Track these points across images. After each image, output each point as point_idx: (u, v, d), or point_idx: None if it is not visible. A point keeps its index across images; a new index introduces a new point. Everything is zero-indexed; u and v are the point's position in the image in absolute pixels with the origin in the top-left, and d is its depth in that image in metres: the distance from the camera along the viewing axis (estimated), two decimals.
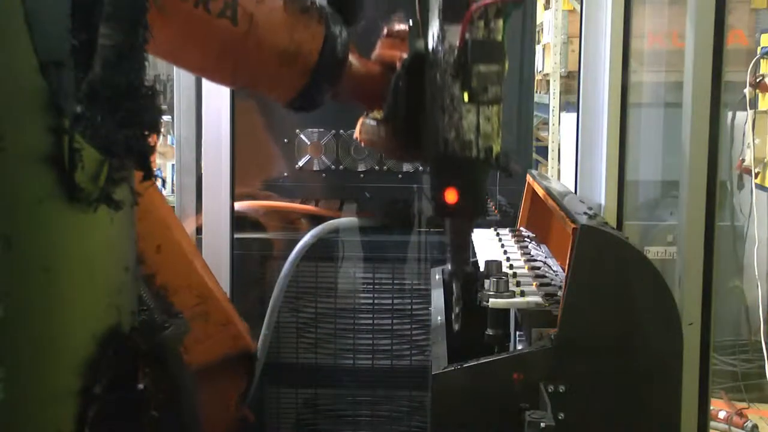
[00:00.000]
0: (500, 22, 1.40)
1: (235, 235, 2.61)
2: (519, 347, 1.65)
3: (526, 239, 2.04)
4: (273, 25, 1.54)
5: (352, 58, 1.65)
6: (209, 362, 1.77)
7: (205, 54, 1.57)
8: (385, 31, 1.69)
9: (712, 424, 3.56)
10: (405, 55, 1.57)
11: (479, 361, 1.40)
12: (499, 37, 1.40)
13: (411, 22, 1.58)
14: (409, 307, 2.72)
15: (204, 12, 1.49)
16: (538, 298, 1.53)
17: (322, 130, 2.75)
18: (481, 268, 1.71)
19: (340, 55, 1.58)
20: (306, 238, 2.64)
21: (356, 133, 1.69)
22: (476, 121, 1.40)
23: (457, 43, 1.39)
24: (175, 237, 1.77)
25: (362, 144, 1.69)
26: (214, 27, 1.50)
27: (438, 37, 1.42)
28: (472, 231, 1.56)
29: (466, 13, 1.38)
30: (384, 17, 1.71)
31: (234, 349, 1.86)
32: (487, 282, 1.59)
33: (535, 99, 4.68)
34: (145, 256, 1.58)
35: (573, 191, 2.10)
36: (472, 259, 2.04)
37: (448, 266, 1.55)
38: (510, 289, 1.58)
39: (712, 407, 1.88)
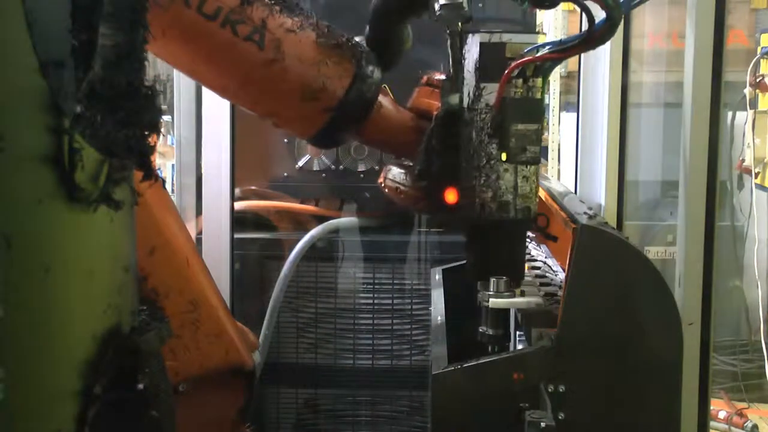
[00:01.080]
0: (539, 81, 1.37)
1: (235, 235, 2.61)
2: (519, 347, 1.65)
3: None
4: (301, 57, 1.52)
5: (385, 102, 1.62)
6: (198, 374, 1.70)
7: (228, 76, 1.55)
8: (425, 79, 1.66)
9: (712, 424, 3.56)
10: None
11: (479, 361, 1.40)
12: (538, 95, 1.37)
13: (445, 76, 1.53)
14: (409, 307, 2.72)
15: (231, 34, 1.47)
16: (538, 298, 1.53)
17: None
18: None
19: (367, 97, 1.55)
20: (306, 238, 2.64)
21: (380, 179, 1.64)
22: (514, 181, 1.38)
23: (494, 102, 1.37)
24: (171, 241, 1.71)
25: (387, 192, 1.63)
26: (239, 50, 1.49)
27: (474, 94, 1.40)
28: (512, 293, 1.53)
29: (504, 71, 1.35)
30: (425, 65, 1.68)
31: (226, 363, 1.76)
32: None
33: None
34: (137, 257, 1.55)
35: (573, 191, 2.10)
36: None
37: (488, 331, 1.51)
38: (510, 289, 1.58)
39: (712, 407, 1.88)
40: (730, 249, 4.57)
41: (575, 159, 2.27)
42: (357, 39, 1.62)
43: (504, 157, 1.37)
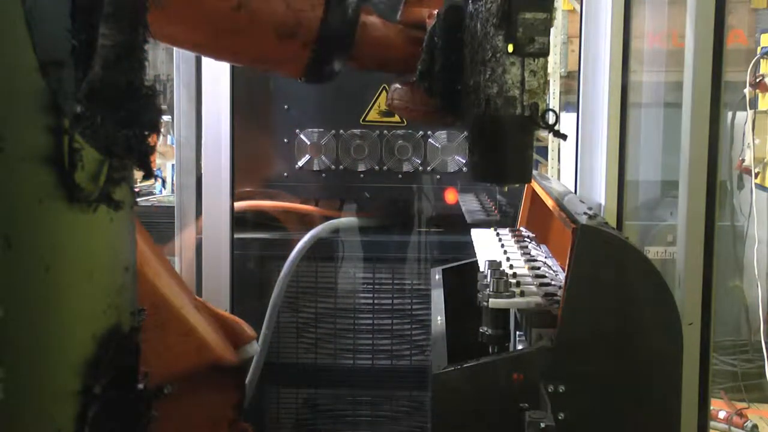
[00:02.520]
0: None
1: (235, 235, 2.61)
2: (519, 347, 1.65)
3: (526, 239, 2.04)
4: None
5: (371, 21, 1.55)
6: (172, 376, 1.65)
7: (198, 31, 1.50)
8: None
9: (712, 424, 3.56)
10: (435, 12, 1.45)
11: (479, 361, 1.40)
12: None
13: None
14: (409, 307, 2.72)
15: None
16: (538, 298, 1.53)
17: (322, 130, 2.75)
18: (482, 268, 1.71)
19: (347, 21, 1.48)
20: (306, 238, 2.64)
21: (387, 100, 1.58)
22: (521, 75, 1.29)
23: None
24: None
25: (394, 111, 1.56)
26: (203, 3, 1.43)
27: None
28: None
29: None
30: None
31: (201, 362, 1.69)
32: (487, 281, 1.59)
33: None
34: None
35: (573, 191, 2.10)
36: (472, 260, 2.05)
37: (488, 330, 1.47)
38: (510, 289, 1.58)
39: (712, 407, 1.88)
40: (730, 249, 4.57)
41: (575, 159, 2.27)
42: None
43: (510, 48, 1.28)
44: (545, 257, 1.89)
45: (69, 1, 0.81)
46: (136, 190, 0.96)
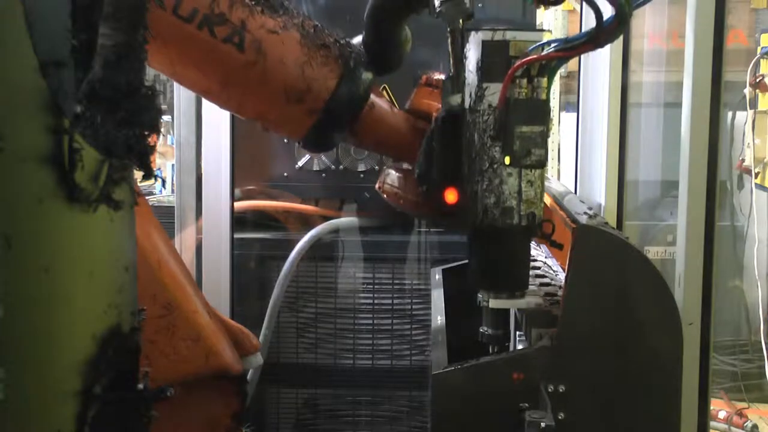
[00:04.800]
0: (544, 80, 1.31)
1: (235, 235, 2.61)
2: (519, 347, 1.65)
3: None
4: (283, 58, 1.47)
5: (379, 103, 1.57)
6: (177, 380, 1.61)
7: (208, 79, 1.50)
8: (424, 79, 1.59)
9: (712, 424, 3.56)
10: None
11: (479, 361, 1.40)
12: (544, 96, 1.31)
13: (445, 75, 1.47)
14: (409, 307, 2.72)
15: (209, 35, 1.42)
16: (538, 298, 1.53)
17: None
18: None
19: (356, 98, 1.50)
20: (306, 238, 2.64)
21: (378, 183, 1.59)
22: (518, 185, 1.32)
23: (498, 102, 1.30)
24: (140, 244, 1.66)
25: (385, 196, 1.56)
26: (218, 52, 1.43)
27: (476, 95, 1.33)
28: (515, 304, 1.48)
29: (507, 70, 1.28)
30: (424, 65, 1.62)
31: (207, 368, 1.69)
32: None
33: None
34: None
35: (573, 191, 2.10)
36: None
37: (486, 329, 1.48)
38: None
39: (712, 407, 1.88)
40: (730, 249, 4.57)
41: (575, 159, 2.27)
42: (349, 40, 1.58)
43: (507, 160, 1.31)
44: (545, 257, 1.89)
45: (69, 1, 0.81)
46: (136, 190, 0.96)
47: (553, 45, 1.30)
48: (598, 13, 1.20)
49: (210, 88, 1.56)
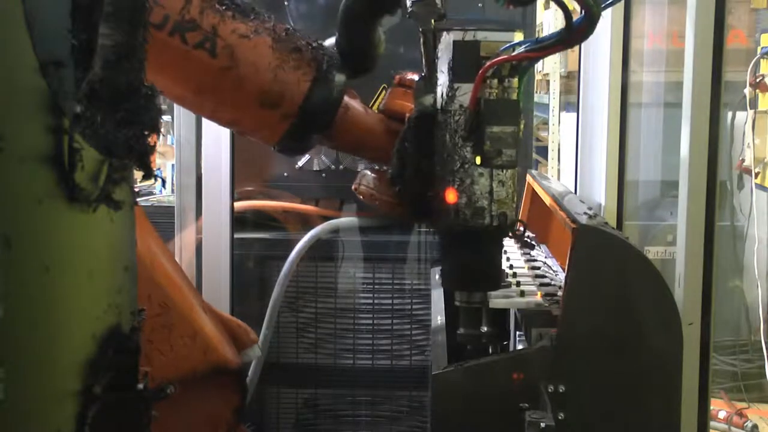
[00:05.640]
0: (515, 81, 1.31)
1: (235, 235, 2.61)
2: (519, 347, 1.65)
3: (526, 239, 2.04)
4: (256, 63, 1.47)
5: (353, 105, 1.57)
6: (176, 377, 1.62)
7: (181, 85, 1.49)
8: (397, 79, 1.60)
9: (712, 424, 3.56)
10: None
11: (479, 361, 1.40)
12: (514, 96, 1.31)
13: (418, 77, 1.48)
14: (409, 307, 2.72)
15: (180, 42, 1.42)
16: (538, 298, 1.53)
17: None
18: None
19: (330, 101, 1.50)
20: (306, 238, 2.64)
21: (354, 185, 1.60)
22: (489, 185, 1.33)
23: (469, 103, 1.30)
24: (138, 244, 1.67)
25: (361, 197, 1.57)
26: (190, 58, 1.43)
27: (447, 95, 1.34)
28: (486, 302, 1.49)
29: (478, 71, 1.29)
30: (398, 67, 1.62)
31: (205, 364, 1.71)
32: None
33: (535, 99, 4.68)
34: None
35: (573, 191, 2.10)
36: None
37: (460, 329, 1.49)
38: (507, 280, 1.58)
39: (712, 407, 1.88)
40: (730, 249, 4.56)
41: (575, 159, 2.27)
42: (322, 42, 1.57)
43: (479, 160, 1.32)
44: (545, 257, 1.89)
45: (69, 1, 0.81)
46: (136, 190, 0.96)
47: (524, 46, 1.30)
48: (567, 14, 1.20)
49: (183, 95, 1.56)
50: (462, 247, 1.39)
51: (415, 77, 1.52)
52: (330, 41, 1.59)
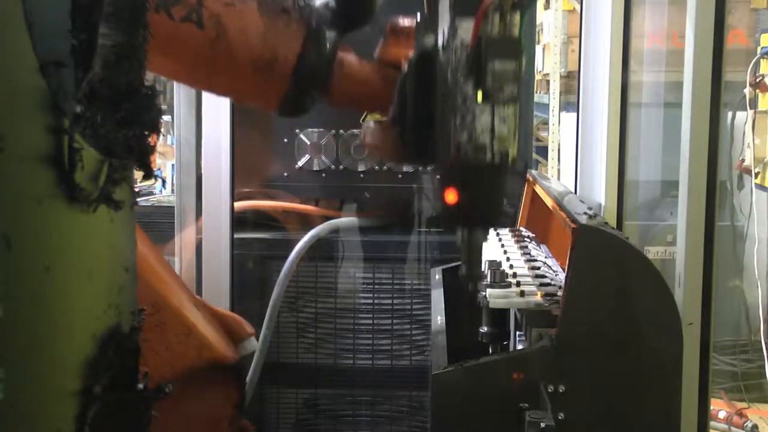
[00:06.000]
0: (517, 17, 1.31)
1: (235, 235, 2.61)
2: (519, 347, 1.65)
3: (526, 239, 2.04)
4: (244, 29, 1.46)
5: (347, 59, 1.56)
6: (172, 376, 1.65)
7: (173, 61, 1.49)
8: (389, 27, 1.58)
9: (712, 424, 3.56)
10: (411, 54, 1.47)
11: (479, 361, 1.40)
12: (516, 33, 1.30)
13: (419, 17, 1.48)
14: (409, 307, 2.72)
15: (166, 17, 1.41)
16: (538, 298, 1.53)
17: (322, 130, 2.75)
18: (482, 268, 1.71)
19: (323, 58, 1.49)
20: (306, 238, 2.64)
21: (361, 137, 1.59)
22: (491, 122, 1.31)
23: (470, 40, 1.29)
24: None
25: (367, 150, 1.59)
26: (179, 33, 1.42)
27: (449, 33, 1.32)
28: (486, 238, 1.47)
29: (480, 6, 1.28)
30: (389, 15, 1.62)
31: (200, 361, 1.71)
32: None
33: (535, 99, 4.68)
34: None
35: (573, 191, 2.10)
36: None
37: (462, 269, 1.48)
38: (507, 280, 1.58)
39: (712, 407, 1.88)
40: (730, 249, 4.56)
41: (575, 159, 2.27)
42: (309, 1, 1.54)
43: (480, 97, 1.30)
44: (545, 257, 1.89)
45: (69, 1, 0.81)
46: (136, 190, 0.96)
47: None
48: None
49: (177, 70, 1.55)
50: (464, 185, 1.37)
51: (407, 22, 1.52)
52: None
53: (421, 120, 1.42)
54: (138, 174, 0.95)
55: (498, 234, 2.12)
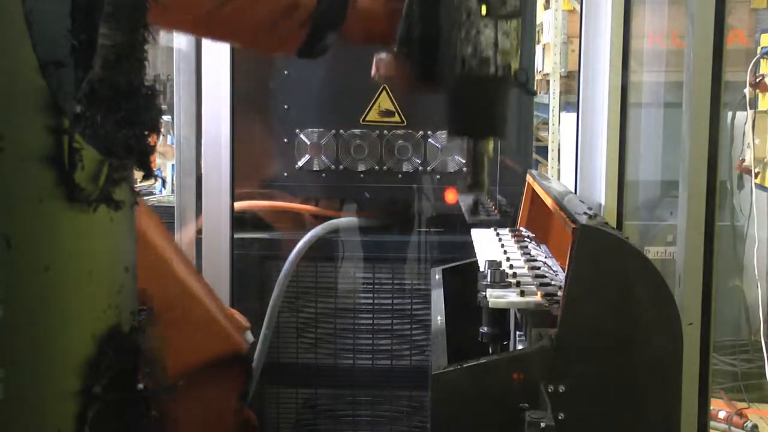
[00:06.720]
0: None
1: (235, 235, 2.61)
2: (519, 347, 1.65)
3: (526, 239, 2.04)
4: None
5: None
6: (197, 365, 1.70)
7: (192, 23, 1.55)
8: None
9: (712, 424, 3.56)
10: None
11: (479, 361, 1.40)
12: None
13: None
14: (409, 307, 2.72)
15: None
16: (538, 298, 1.53)
17: (322, 130, 2.75)
18: (482, 268, 1.71)
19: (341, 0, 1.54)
20: (306, 238, 2.64)
21: (373, 70, 1.66)
22: (494, 36, 1.37)
23: None
24: (148, 239, 1.70)
25: (379, 79, 1.65)
26: None
27: None
28: (490, 150, 1.53)
29: None
30: None
31: (222, 350, 1.78)
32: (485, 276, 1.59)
33: (535, 99, 4.68)
34: None
35: (573, 191, 2.10)
36: (472, 260, 2.05)
37: (467, 179, 1.54)
38: (507, 280, 1.58)
39: (712, 407, 1.88)
40: (730, 249, 4.56)
41: (575, 159, 2.27)
42: None
43: (484, 10, 1.37)
44: (545, 257, 1.89)
45: (69, 1, 0.81)
46: (136, 190, 0.96)
47: None
48: None
49: (197, 28, 1.61)
50: (468, 97, 1.44)
51: None
52: None
53: (428, 38, 1.48)
54: (138, 174, 0.95)
55: (498, 234, 2.12)
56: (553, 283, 1.64)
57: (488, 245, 1.99)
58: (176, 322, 1.66)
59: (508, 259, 1.82)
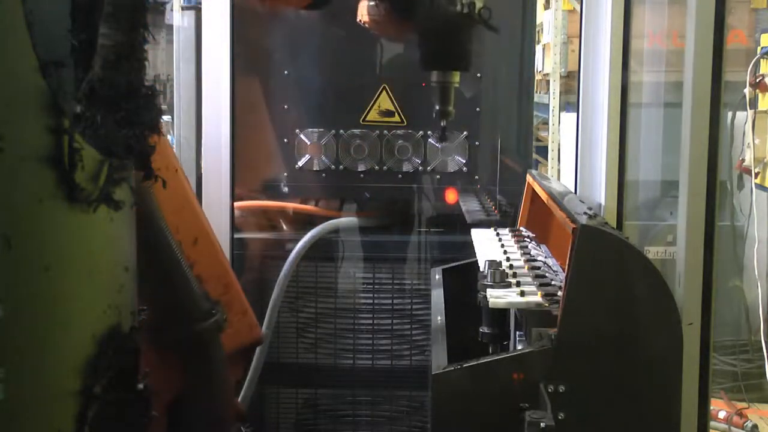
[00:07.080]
0: None
1: (235, 235, 2.61)
2: (519, 347, 1.65)
3: (526, 239, 2.04)
4: None
5: None
6: (233, 350, 1.77)
7: None
8: None
9: (712, 424, 3.56)
10: None
11: (479, 361, 1.40)
12: None
13: None
14: (409, 307, 2.72)
15: None
16: (538, 298, 1.53)
17: (322, 130, 2.75)
18: (482, 268, 1.71)
19: None
20: (306, 238, 2.64)
21: (359, 17, 1.84)
22: None
23: None
24: (207, 229, 1.81)
25: (366, 25, 1.84)
26: None
27: None
28: (456, 79, 1.73)
29: None
30: None
31: (249, 339, 1.88)
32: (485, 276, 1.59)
33: (535, 99, 4.68)
34: (183, 247, 1.59)
35: (573, 191, 2.10)
36: (472, 260, 2.05)
37: (436, 107, 1.73)
38: (507, 280, 1.59)
39: (712, 407, 1.88)
40: (730, 249, 4.56)
41: (575, 159, 2.27)
42: None
43: None
44: (545, 257, 1.89)
45: (69, 1, 0.81)
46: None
47: None
48: None
49: None
50: (438, 33, 1.66)
51: None
52: None
53: None
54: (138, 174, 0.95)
55: (498, 234, 2.12)
56: (553, 283, 1.64)
57: (488, 245, 1.99)
58: (224, 306, 1.72)
59: (508, 259, 1.82)
